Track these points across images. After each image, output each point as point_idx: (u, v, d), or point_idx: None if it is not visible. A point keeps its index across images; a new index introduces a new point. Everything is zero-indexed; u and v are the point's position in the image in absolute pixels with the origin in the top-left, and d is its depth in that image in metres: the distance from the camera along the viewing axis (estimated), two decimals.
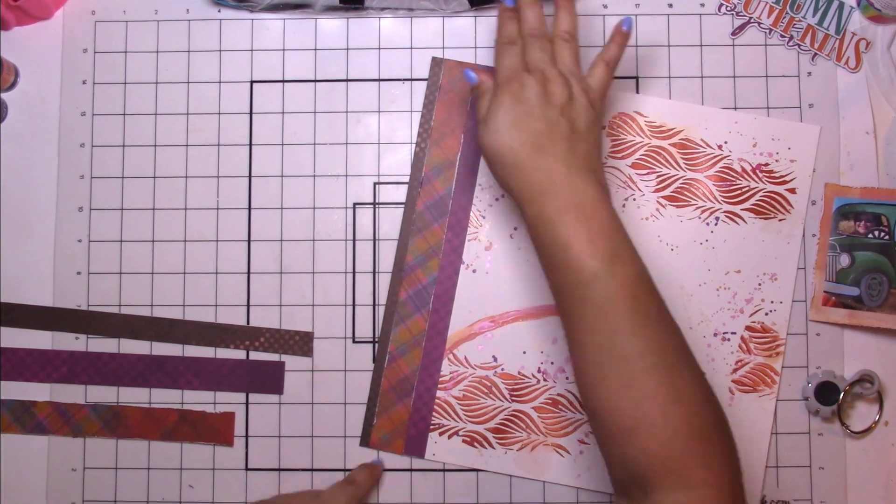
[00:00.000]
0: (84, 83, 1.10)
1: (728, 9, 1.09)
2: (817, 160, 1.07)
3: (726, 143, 1.07)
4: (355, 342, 1.07)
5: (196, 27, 1.11)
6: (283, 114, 1.10)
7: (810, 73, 1.09)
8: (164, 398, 1.07)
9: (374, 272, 1.08)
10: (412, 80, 1.10)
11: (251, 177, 1.09)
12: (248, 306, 1.08)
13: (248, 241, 1.08)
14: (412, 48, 1.10)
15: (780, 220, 1.06)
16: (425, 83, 1.09)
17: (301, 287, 1.08)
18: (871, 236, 1.04)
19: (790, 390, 1.06)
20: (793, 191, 1.06)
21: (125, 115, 1.10)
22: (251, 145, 1.09)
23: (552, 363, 1.05)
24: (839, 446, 1.06)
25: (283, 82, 1.10)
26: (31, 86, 1.10)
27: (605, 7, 1.10)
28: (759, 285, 1.05)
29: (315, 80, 1.10)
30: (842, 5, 1.08)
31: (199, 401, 1.07)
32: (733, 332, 1.05)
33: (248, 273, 1.08)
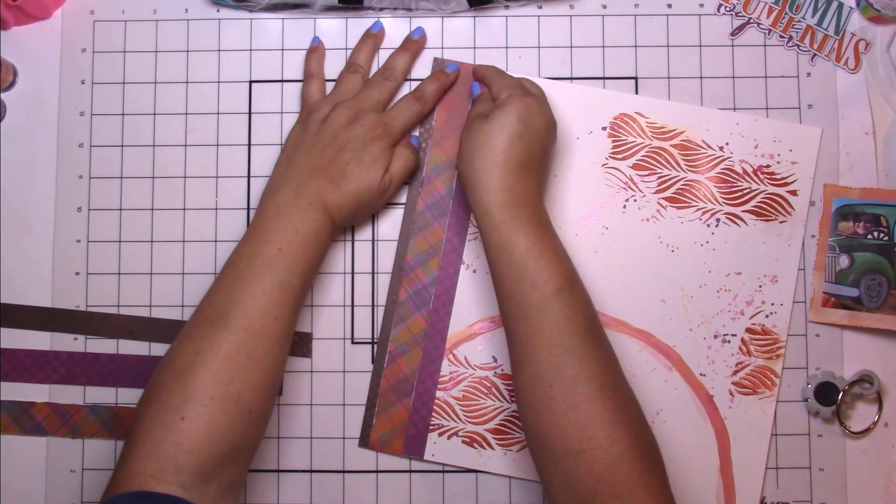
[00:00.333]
0: (83, 83, 1.10)
1: (727, 9, 1.09)
2: (818, 157, 1.07)
3: (727, 144, 1.07)
4: (354, 343, 1.07)
5: (195, 27, 1.10)
6: (282, 114, 1.09)
7: (809, 74, 1.09)
8: None
9: (373, 273, 1.08)
10: (411, 80, 1.09)
11: (250, 177, 1.09)
12: None
13: None
14: None
15: (781, 222, 1.06)
16: None
17: None
18: (870, 237, 1.04)
19: (790, 391, 1.06)
20: (794, 193, 1.06)
21: (124, 114, 1.09)
22: (250, 145, 1.09)
23: None
24: (839, 448, 1.06)
25: (282, 82, 1.10)
26: (30, 85, 1.10)
27: (604, 7, 1.10)
28: (760, 287, 1.05)
29: None
30: (841, 6, 1.08)
31: None
32: (734, 334, 1.05)
33: None
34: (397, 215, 1.08)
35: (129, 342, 1.08)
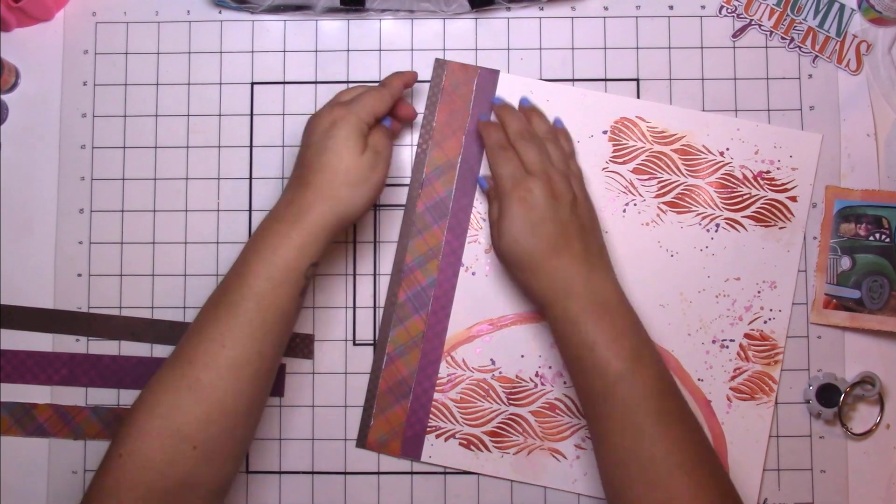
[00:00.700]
0: (85, 84, 1.10)
1: (729, 11, 1.08)
2: (818, 163, 1.07)
3: (728, 149, 1.07)
4: (356, 345, 1.08)
5: (197, 28, 1.10)
6: (284, 115, 1.10)
7: (811, 76, 1.08)
8: None
9: (375, 274, 1.08)
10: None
11: (252, 178, 1.09)
12: None
13: None
14: (413, 50, 1.10)
15: (781, 228, 1.06)
16: (427, 85, 1.09)
17: None
18: (871, 239, 1.04)
19: (791, 393, 1.06)
20: (794, 199, 1.06)
21: (126, 116, 1.10)
22: (252, 147, 1.09)
23: (550, 367, 1.05)
24: (841, 449, 1.06)
25: (284, 84, 1.10)
26: (32, 87, 1.10)
27: (606, 9, 1.09)
28: (759, 293, 1.05)
29: (316, 82, 1.10)
30: (842, 7, 1.08)
31: None
32: (732, 340, 1.05)
33: None
34: (397, 217, 1.08)
35: (130, 343, 1.08)
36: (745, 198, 1.06)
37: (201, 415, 0.85)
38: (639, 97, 1.08)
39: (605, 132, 1.07)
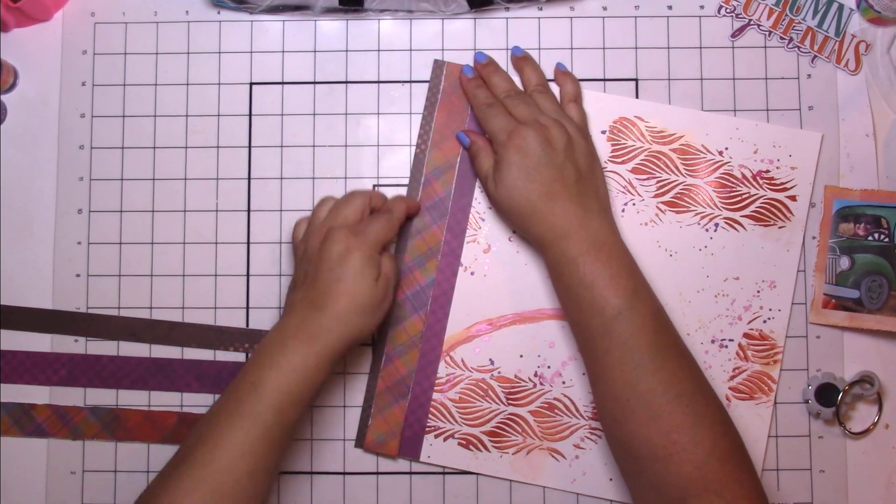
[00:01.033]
0: (83, 85, 1.10)
1: (728, 11, 1.08)
2: (817, 162, 1.07)
3: (727, 149, 1.06)
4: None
5: (195, 29, 1.10)
6: (283, 115, 1.10)
7: (810, 76, 1.08)
8: (164, 401, 1.07)
9: None
10: (412, 81, 1.09)
11: (250, 179, 1.09)
12: (248, 309, 1.08)
13: (248, 243, 1.08)
14: (411, 50, 1.10)
15: (780, 228, 1.06)
16: (425, 85, 1.09)
17: None
18: (870, 238, 1.04)
19: (790, 393, 1.06)
20: (793, 198, 1.06)
21: (124, 116, 1.10)
22: (250, 147, 1.09)
23: (549, 367, 1.05)
24: (840, 449, 1.06)
25: (283, 84, 1.10)
26: (31, 87, 1.10)
27: (604, 9, 1.09)
28: (758, 292, 1.05)
29: (314, 82, 1.10)
30: (841, 7, 1.08)
31: (198, 403, 1.07)
32: (731, 339, 1.05)
33: (248, 275, 1.08)
34: None
35: (129, 344, 1.08)
36: (744, 197, 1.06)
37: None
38: (637, 97, 1.08)
39: (603, 132, 1.07)
